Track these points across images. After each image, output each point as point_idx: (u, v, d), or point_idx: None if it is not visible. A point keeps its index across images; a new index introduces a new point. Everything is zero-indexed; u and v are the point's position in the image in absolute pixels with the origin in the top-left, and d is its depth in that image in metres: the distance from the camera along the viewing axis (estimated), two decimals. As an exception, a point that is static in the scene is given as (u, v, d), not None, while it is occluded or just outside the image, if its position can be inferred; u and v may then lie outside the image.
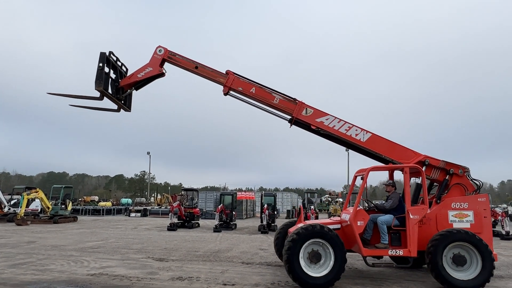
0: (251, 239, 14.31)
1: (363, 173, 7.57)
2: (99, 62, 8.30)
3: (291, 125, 8.57)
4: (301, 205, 19.43)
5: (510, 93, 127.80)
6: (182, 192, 24.62)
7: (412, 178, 7.96)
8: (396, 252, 6.82)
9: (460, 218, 7.06)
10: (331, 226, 7.10)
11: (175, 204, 19.40)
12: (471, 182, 7.51)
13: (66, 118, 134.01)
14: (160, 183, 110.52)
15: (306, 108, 8.27)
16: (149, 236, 15.34)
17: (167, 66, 8.93)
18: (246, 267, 8.48)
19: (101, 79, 8.26)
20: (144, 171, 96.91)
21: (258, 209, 30.61)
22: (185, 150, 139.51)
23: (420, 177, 7.41)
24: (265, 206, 17.86)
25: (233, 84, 8.50)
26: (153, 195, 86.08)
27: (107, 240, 13.73)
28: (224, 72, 8.65)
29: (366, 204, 8.19)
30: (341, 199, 35.31)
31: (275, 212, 19.76)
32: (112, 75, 8.76)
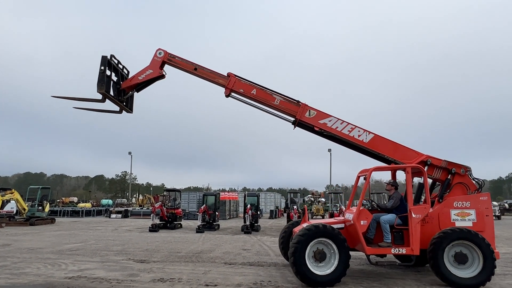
0: (234, 240, 14.28)
1: (366, 174, 7.71)
2: (101, 66, 8.50)
3: (294, 127, 8.70)
4: (305, 205, 19.51)
5: (487, 95, 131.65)
6: (165, 193, 24.32)
7: (414, 178, 8.06)
8: (399, 250, 6.93)
9: (462, 217, 7.19)
10: (335, 226, 7.27)
11: (157, 205, 19.15)
12: (472, 181, 7.67)
13: (44, 117, 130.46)
14: (142, 184, 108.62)
15: (309, 110, 8.41)
16: (130, 237, 15.07)
17: (166, 68, 9.11)
18: (228, 268, 8.45)
19: (102, 82, 8.45)
20: (126, 172, 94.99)
21: (241, 209, 30.55)
22: (167, 150, 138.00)
23: (422, 177, 7.56)
24: (248, 206, 17.87)
25: (234, 86, 8.66)
26: (134, 196, 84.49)
27: (86, 242, 13.41)
28: (226, 74, 8.78)
29: (368, 204, 8.28)
30: (323, 199, 35.67)
31: (258, 212, 19.77)
32: (114, 78, 8.97)
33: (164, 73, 9.08)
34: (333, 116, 8.34)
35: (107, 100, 8.86)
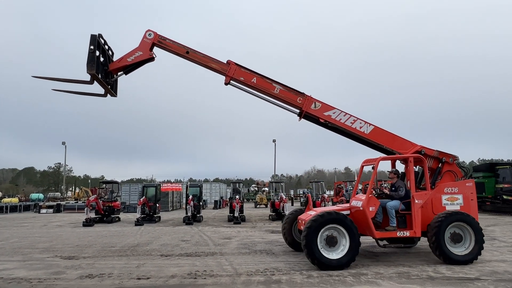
0: (174, 231, 14.03)
1: (370, 163, 8.15)
2: (90, 45, 8.16)
3: (300, 119, 8.84)
4: (309, 193, 19.67)
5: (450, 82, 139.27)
6: (103, 185, 23.05)
7: (402, 167, 8.70)
8: (403, 233, 7.52)
9: (452, 201, 7.91)
10: (342, 212, 7.58)
11: (91, 198, 18.10)
12: (459, 169, 8.42)
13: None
14: (79, 176, 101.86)
15: (315, 102, 8.61)
16: (60, 233, 14.07)
17: (156, 50, 8.87)
18: (164, 260, 8.30)
19: (93, 63, 8.13)
20: (59, 163, 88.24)
21: (185, 200, 30.04)
22: (107, 139, 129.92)
23: (417, 166, 8.22)
24: (190, 197, 17.64)
25: (235, 74, 8.62)
26: (70, 189, 78.92)
27: (8, 240, 12.25)
28: (225, 62, 8.71)
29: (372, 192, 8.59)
30: (267, 189, 36.49)
31: (200, 203, 19.63)
32: (101, 59, 8.59)
33: (154, 55, 8.82)
34: (337, 108, 8.64)
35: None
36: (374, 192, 8.48)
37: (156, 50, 8.94)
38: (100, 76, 8.47)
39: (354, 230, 7.18)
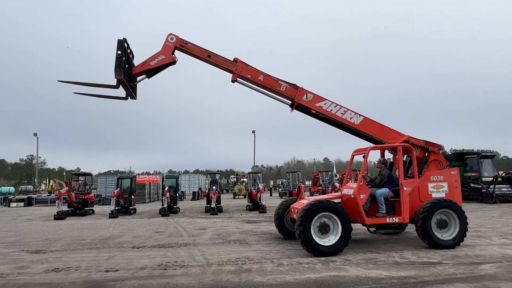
0: (149, 223, 13.86)
1: (361, 153, 8.33)
2: (118, 50, 8.30)
3: (292, 110, 8.94)
4: (300, 183, 19.71)
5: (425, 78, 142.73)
6: (78, 177, 22.39)
7: (389, 157, 8.93)
8: (392, 219, 7.78)
9: (437, 189, 8.20)
10: (333, 200, 7.73)
11: (63, 191, 17.58)
12: (444, 158, 8.67)
13: None
14: (53, 169, 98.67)
15: (306, 94, 8.71)
16: (29, 227, 13.62)
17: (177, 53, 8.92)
18: (135, 252, 8.18)
19: (121, 68, 8.29)
20: (32, 155, 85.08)
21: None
22: (83, 130, 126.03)
23: (405, 155, 8.50)
24: (166, 188, 17.44)
25: (242, 71, 8.71)
26: (44, 182, 76.43)
27: (-28, 235, 11.74)
28: (232, 60, 8.80)
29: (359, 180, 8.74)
30: (246, 179, 36.57)
31: (177, 194, 19.44)
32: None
33: (176, 59, 8.89)
34: (328, 99, 8.75)
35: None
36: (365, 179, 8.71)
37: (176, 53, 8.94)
38: (125, 80, 8.56)
39: (346, 217, 7.34)
